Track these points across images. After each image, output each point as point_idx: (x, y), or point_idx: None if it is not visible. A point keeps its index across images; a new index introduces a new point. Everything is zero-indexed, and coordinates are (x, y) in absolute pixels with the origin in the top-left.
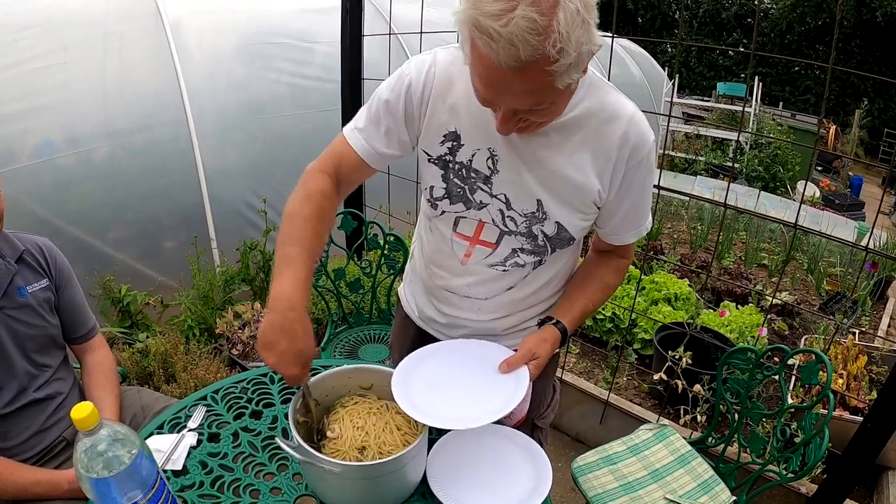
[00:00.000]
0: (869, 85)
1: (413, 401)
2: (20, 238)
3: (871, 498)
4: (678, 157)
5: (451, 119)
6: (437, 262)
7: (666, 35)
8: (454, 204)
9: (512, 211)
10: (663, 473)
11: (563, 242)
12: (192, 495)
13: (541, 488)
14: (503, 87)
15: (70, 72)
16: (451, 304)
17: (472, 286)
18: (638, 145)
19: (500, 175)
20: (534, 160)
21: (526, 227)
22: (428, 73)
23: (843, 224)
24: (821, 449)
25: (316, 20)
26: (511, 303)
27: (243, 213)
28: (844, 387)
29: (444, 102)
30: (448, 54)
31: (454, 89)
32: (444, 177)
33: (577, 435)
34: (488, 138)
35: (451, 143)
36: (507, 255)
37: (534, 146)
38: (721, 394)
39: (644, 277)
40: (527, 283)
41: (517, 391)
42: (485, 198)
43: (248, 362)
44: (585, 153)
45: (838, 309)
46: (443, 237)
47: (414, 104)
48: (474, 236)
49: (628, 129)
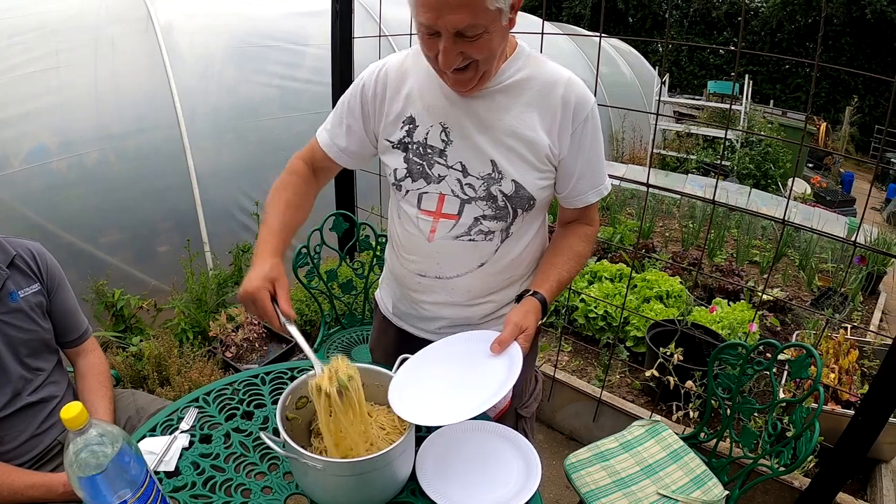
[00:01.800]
0: (859, 82)
1: (411, 407)
2: (11, 243)
3: (864, 491)
4: (670, 155)
5: (407, 106)
6: (407, 246)
7: (657, 35)
8: (416, 181)
9: (469, 177)
10: (656, 469)
11: (524, 202)
12: (184, 496)
13: (530, 483)
14: (441, 4)
15: (62, 77)
16: (425, 290)
17: (442, 264)
18: (579, 104)
19: (454, 144)
20: (483, 123)
21: (484, 189)
22: (379, 75)
23: (835, 220)
24: (811, 442)
25: (306, 23)
26: (483, 280)
27: (236, 215)
28: (836, 381)
29: (398, 94)
30: (400, 55)
31: (407, 81)
32: (406, 158)
33: (570, 433)
34: (440, 115)
35: (408, 126)
36: (470, 224)
37: (482, 110)
38: (712, 389)
39: (636, 275)
40: (497, 258)
41: (512, 370)
42: (442, 170)
43: (241, 365)
44: (532, 112)
45: (829, 304)
46: (409, 218)
47: (368, 102)
48: (437, 210)
49: (566, 92)
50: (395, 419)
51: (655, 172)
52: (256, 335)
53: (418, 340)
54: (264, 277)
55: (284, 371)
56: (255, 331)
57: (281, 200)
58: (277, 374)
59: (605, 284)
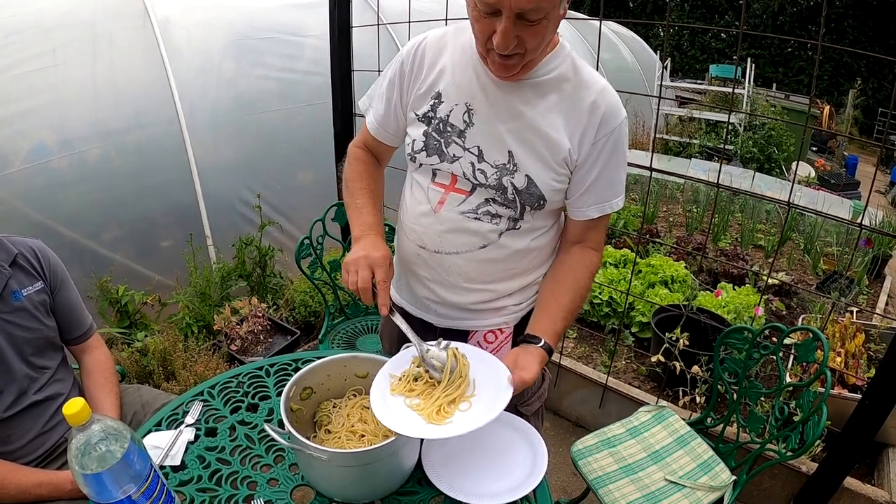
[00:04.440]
0: (862, 64)
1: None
2: (13, 241)
3: (872, 476)
4: (672, 140)
5: (438, 80)
6: (414, 215)
7: (658, 19)
8: (430, 157)
9: (483, 163)
10: (663, 455)
11: (534, 199)
12: (190, 489)
13: (537, 470)
14: None
15: (60, 74)
16: (423, 265)
17: (443, 237)
18: (608, 116)
19: (475, 128)
20: (509, 113)
21: (496, 178)
22: (417, 49)
23: (839, 203)
24: (819, 426)
25: (305, 14)
26: (481, 266)
27: (237, 208)
28: (843, 365)
29: (433, 68)
30: (441, 30)
31: (443, 56)
32: (426, 132)
33: (577, 419)
34: (468, 94)
35: (434, 100)
36: (479, 203)
37: (511, 100)
38: (719, 374)
39: (640, 261)
40: (500, 245)
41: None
42: (457, 151)
43: (246, 357)
44: (558, 114)
45: (835, 288)
46: (420, 188)
47: (406, 76)
48: (450, 185)
49: (598, 99)
50: None
51: (658, 157)
52: (261, 328)
53: (416, 321)
54: (373, 265)
55: (289, 363)
56: (259, 323)
57: (363, 179)
58: (282, 365)
59: (610, 270)
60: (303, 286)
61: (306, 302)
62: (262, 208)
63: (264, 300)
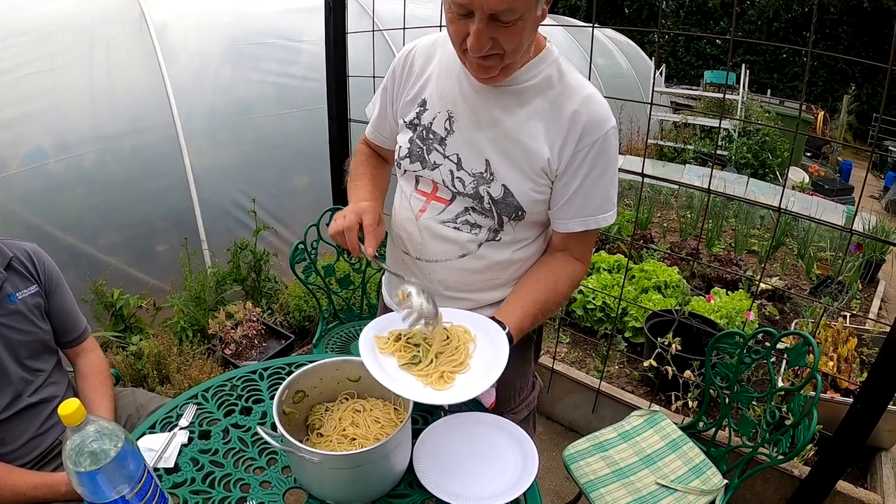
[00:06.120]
0: (856, 70)
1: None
2: (8, 245)
3: (864, 479)
4: (667, 146)
5: (424, 87)
6: (399, 222)
7: (653, 25)
8: (413, 163)
9: (462, 171)
10: (655, 459)
11: (511, 210)
12: (184, 492)
13: (527, 473)
14: None
15: (58, 78)
16: (406, 271)
17: (425, 244)
18: (590, 126)
19: (455, 135)
20: (489, 120)
21: (473, 187)
22: (408, 56)
23: (833, 209)
24: (809, 430)
25: (301, 19)
26: (462, 275)
27: (233, 213)
28: (835, 369)
29: (422, 75)
30: (432, 37)
31: (432, 63)
32: (411, 138)
33: (569, 424)
34: (450, 101)
35: (419, 108)
36: (458, 212)
37: (491, 107)
38: (710, 378)
39: (634, 266)
40: (480, 255)
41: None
42: (438, 158)
43: (241, 361)
44: (540, 121)
45: (828, 292)
46: (404, 195)
47: (396, 82)
48: (431, 193)
49: (580, 108)
50: (391, 412)
51: (653, 163)
52: (255, 332)
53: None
54: (359, 213)
55: (282, 367)
56: (253, 327)
57: (365, 165)
58: (275, 369)
59: (604, 275)
60: (297, 291)
61: (301, 306)
62: (257, 213)
63: (259, 304)
